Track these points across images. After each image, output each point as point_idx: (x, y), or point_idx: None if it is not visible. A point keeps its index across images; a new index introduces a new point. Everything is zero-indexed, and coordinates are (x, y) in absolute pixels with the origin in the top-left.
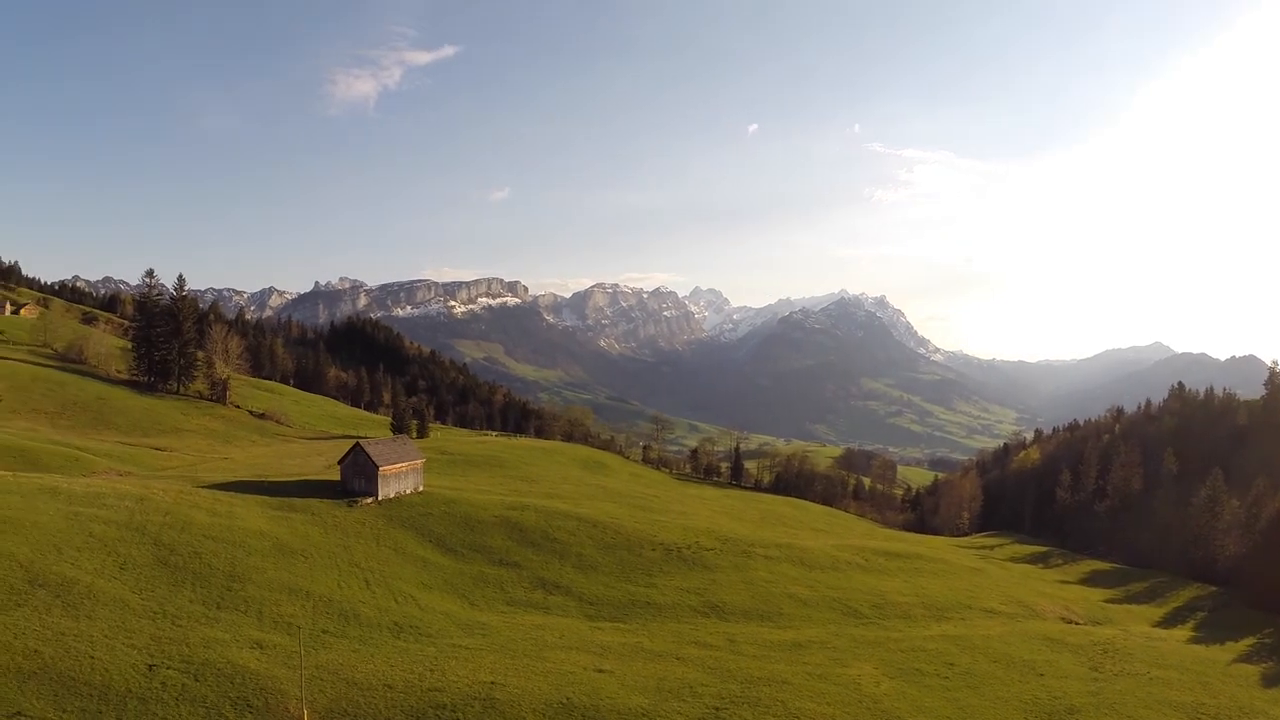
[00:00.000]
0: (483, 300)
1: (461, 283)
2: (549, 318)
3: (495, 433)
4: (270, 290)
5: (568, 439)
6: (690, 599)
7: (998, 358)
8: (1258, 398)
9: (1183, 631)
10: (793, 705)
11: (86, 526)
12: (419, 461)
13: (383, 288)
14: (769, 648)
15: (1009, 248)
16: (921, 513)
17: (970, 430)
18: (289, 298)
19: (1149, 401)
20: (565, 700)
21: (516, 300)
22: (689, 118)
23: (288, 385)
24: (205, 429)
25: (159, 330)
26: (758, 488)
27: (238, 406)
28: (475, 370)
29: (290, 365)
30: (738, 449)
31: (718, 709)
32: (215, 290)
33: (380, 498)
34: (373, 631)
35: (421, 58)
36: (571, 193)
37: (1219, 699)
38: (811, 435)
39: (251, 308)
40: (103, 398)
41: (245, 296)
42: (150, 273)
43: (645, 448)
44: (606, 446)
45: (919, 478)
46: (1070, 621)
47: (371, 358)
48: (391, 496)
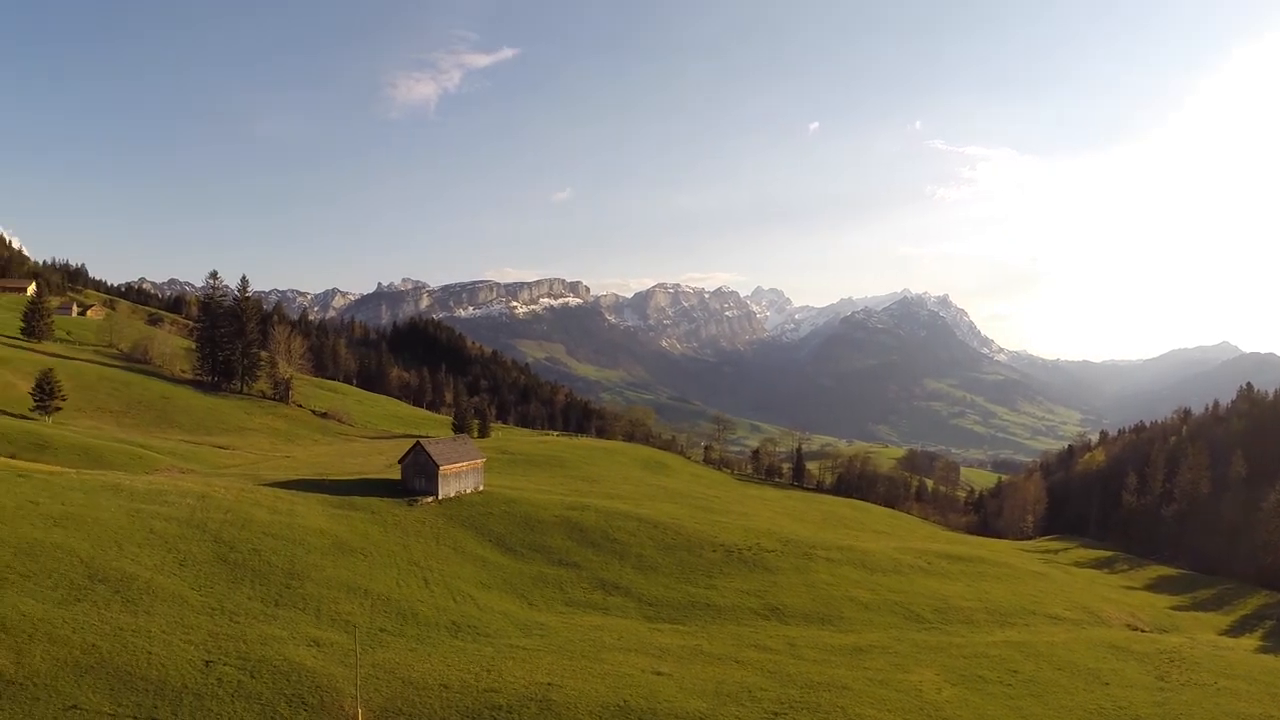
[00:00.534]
0: (545, 301)
1: (523, 283)
2: (611, 318)
3: (557, 433)
4: (334, 291)
5: (629, 439)
6: (750, 601)
7: (1062, 358)
8: None
9: (1251, 640)
10: (853, 711)
11: (147, 523)
12: (479, 461)
13: (445, 288)
14: (829, 652)
15: (1073, 245)
16: (985, 515)
17: (1034, 431)
18: (352, 299)
19: (1216, 403)
20: (622, 703)
21: (578, 300)
22: (749, 116)
23: (350, 385)
24: (268, 428)
25: (223, 331)
26: (819, 489)
27: (300, 406)
28: (537, 370)
29: (353, 365)
30: (799, 450)
31: (776, 714)
32: (279, 291)
33: (440, 497)
34: (430, 631)
35: (481, 60)
36: (633, 192)
37: None
38: (874, 436)
39: (315, 309)
40: (167, 397)
41: (309, 298)
42: (214, 274)
43: (706, 448)
44: (668, 447)
45: (982, 480)
46: (1136, 629)
47: (434, 358)
48: (452, 496)
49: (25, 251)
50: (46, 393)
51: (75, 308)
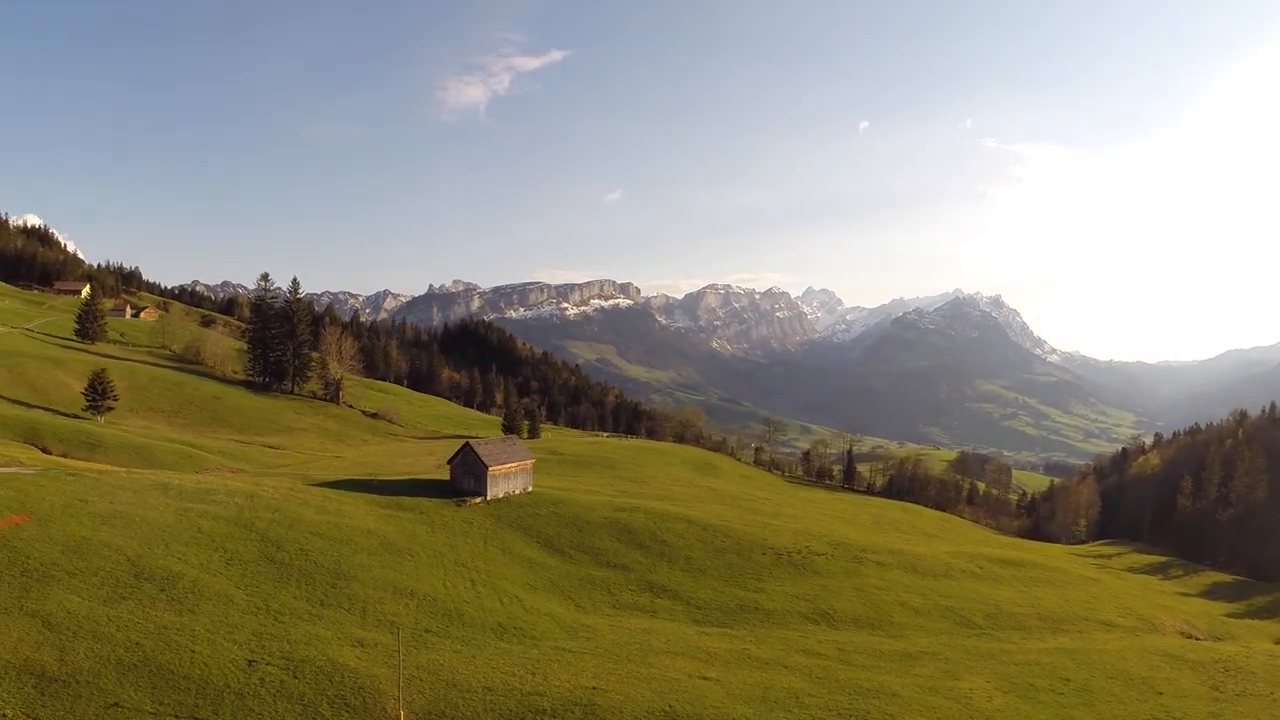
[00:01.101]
0: (595, 302)
1: (574, 284)
2: (661, 319)
3: (607, 434)
4: (385, 293)
5: (679, 440)
6: (800, 605)
7: (1115, 358)
8: None
9: None
10: None
11: (195, 522)
12: (529, 462)
13: (496, 290)
14: (879, 658)
15: (1127, 243)
16: (1037, 519)
17: (1087, 434)
18: (403, 300)
19: (1274, 404)
20: (668, 708)
21: (629, 302)
22: (800, 115)
23: (401, 386)
24: (318, 428)
25: (274, 332)
26: (870, 491)
27: (351, 406)
28: (588, 371)
29: (404, 366)
30: (850, 451)
31: None
32: (331, 293)
33: (489, 497)
34: (476, 632)
35: (530, 63)
36: (683, 193)
37: None
38: (925, 438)
39: (366, 310)
40: (218, 397)
41: (360, 299)
42: (265, 276)
43: (757, 449)
44: (718, 448)
45: (1034, 482)
46: (1190, 637)
47: (484, 359)
48: (500, 496)
49: (80, 255)
50: (99, 393)
51: (129, 310)
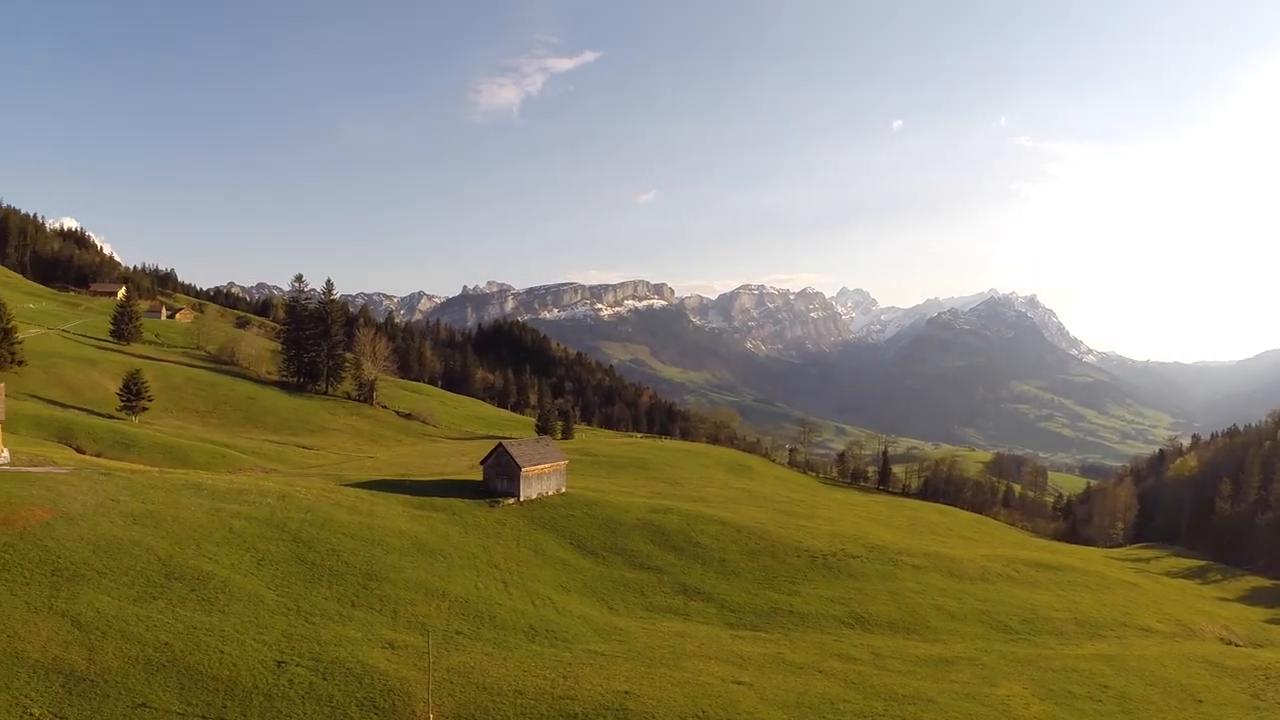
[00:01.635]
0: (629, 302)
1: (608, 285)
2: (695, 319)
3: (641, 434)
4: (419, 294)
5: (713, 441)
6: (834, 609)
7: (1152, 359)
8: None
9: None
10: None
11: (227, 522)
12: (562, 463)
13: (530, 291)
14: (915, 663)
15: (1164, 241)
16: (1073, 522)
17: (1123, 435)
18: (437, 301)
19: None
20: (701, 713)
21: (663, 302)
22: (832, 115)
23: (435, 386)
24: (352, 428)
25: (308, 333)
26: (905, 493)
27: (384, 407)
28: (622, 372)
29: (438, 367)
30: (885, 453)
31: None
32: (366, 295)
33: (522, 498)
34: (507, 634)
35: (563, 64)
36: (716, 193)
37: None
38: (960, 439)
39: (401, 311)
40: (252, 397)
41: (395, 301)
42: (299, 277)
43: (791, 451)
44: (752, 449)
45: (1070, 484)
46: (1230, 643)
47: (518, 360)
48: (534, 497)
49: (116, 257)
50: (133, 393)
51: (164, 311)
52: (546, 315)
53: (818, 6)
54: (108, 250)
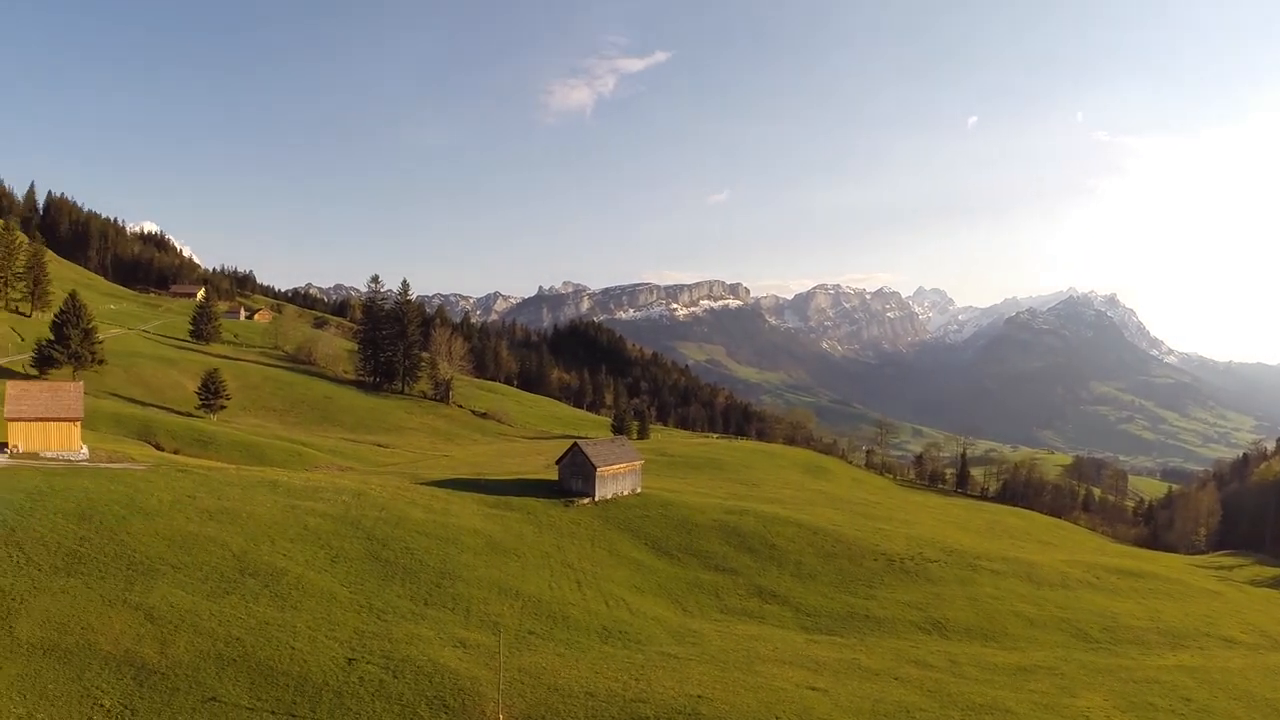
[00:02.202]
0: (704, 302)
1: (683, 285)
2: (771, 319)
3: (716, 435)
4: (495, 295)
5: (789, 442)
6: (911, 614)
7: (1234, 359)
8: None
9: None
10: None
11: (302, 519)
12: (637, 463)
13: (605, 291)
14: (992, 671)
15: (1246, 238)
16: (1155, 527)
17: (1205, 438)
18: (513, 302)
19: None
20: (774, 719)
21: (738, 302)
22: (906, 113)
23: (510, 386)
24: (428, 427)
25: (384, 333)
26: (983, 496)
27: (460, 406)
28: (697, 372)
29: (513, 367)
30: (964, 455)
31: None
32: (442, 295)
33: (597, 498)
34: (580, 635)
35: (634, 64)
36: (790, 193)
37: None
38: (1038, 441)
39: (477, 312)
40: (329, 396)
41: (471, 301)
42: (375, 278)
43: (868, 452)
44: (828, 450)
45: (1151, 489)
46: None
47: (594, 359)
48: (609, 497)
49: (196, 259)
50: (211, 392)
51: (243, 312)
52: (622, 315)
53: (893, 2)
54: (187, 253)
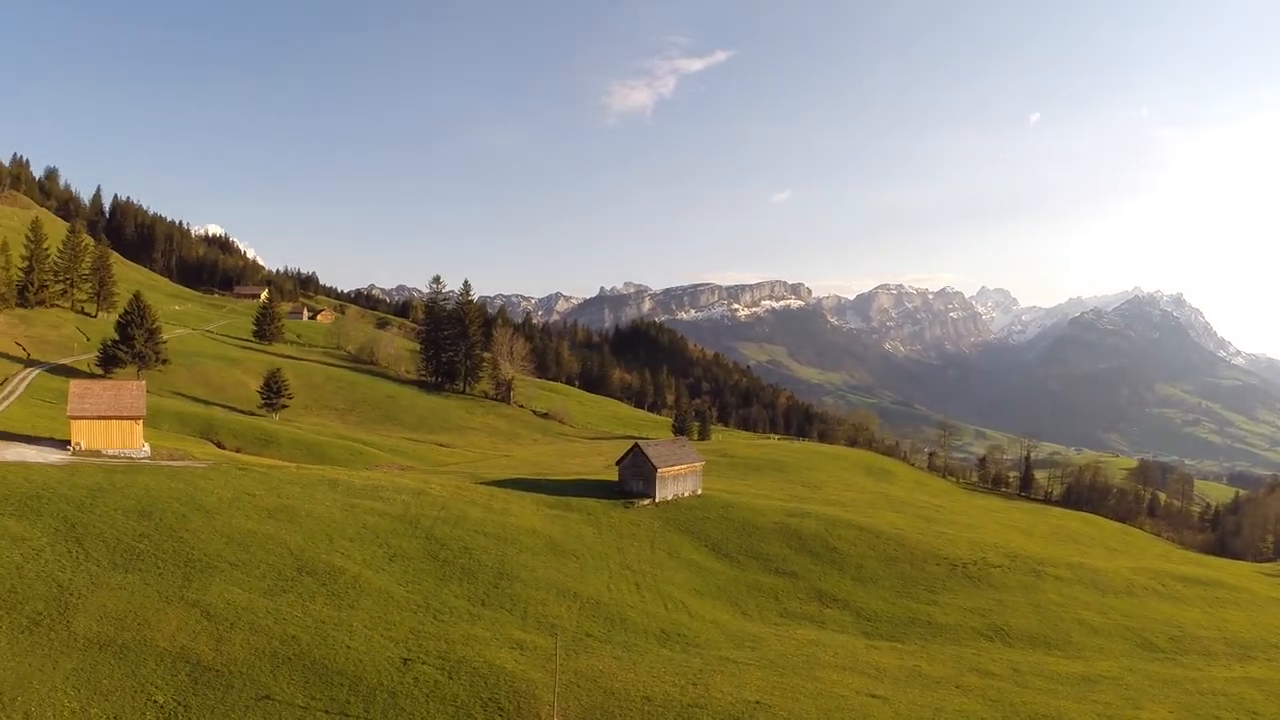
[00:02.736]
0: (766, 303)
1: (744, 285)
2: (832, 320)
3: (777, 436)
4: (557, 295)
5: (851, 444)
6: (973, 620)
7: None
8: None
9: None
10: None
11: (361, 518)
12: (698, 464)
13: (666, 291)
14: (1056, 680)
15: None
16: (1221, 534)
17: (1273, 442)
18: (575, 302)
19: None
20: None
21: (800, 302)
22: (968, 111)
23: (572, 386)
24: (489, 427)
25: (446, 333)
26: (1047, 500)
27: (521, 406)
28: (758, 373)
29: (575, 367)
30: (1028, 458)
31: None
32: (504, 296)
33: (657, 500)
34: (638, 638)
35: (694, 65)
36: (852, 192)
37: None
38: (1103, 444)
39: (539, 312)
40: (391, 396)
41: (533, 302)
42: (437, 279)
43: (931, 454)
44: (890, 452)
45: (1217, 493)
46: None
47: (655, 360)
48: (669, 499)
49: (260, 261)
50: (274, 391)
51: (306, 312)
52: (683, 316)
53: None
54: (251, 255)
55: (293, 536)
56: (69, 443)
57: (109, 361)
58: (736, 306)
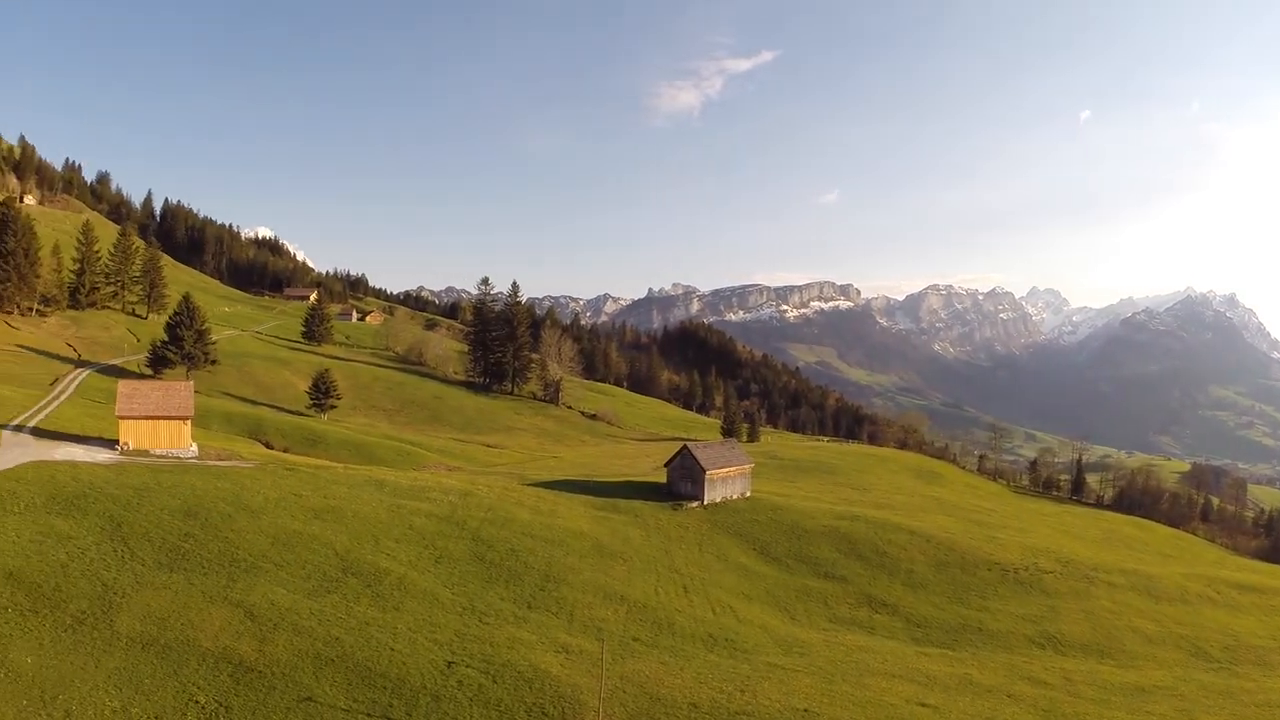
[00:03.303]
0: (814, 304)
1: (793, 286)
2: (881, 320)
3: (826, 438)
4: (605, 297)
5: (901, 446)
6: (1025, 627)
7: None
8: None
9: None
10: None
11: (407, 519)
12: (747, 466)
13: (714, 292)
14: (1109, 690)
15: None
16: (1276, 539)
17: None
18: (623, 304)
19: None
20: None
21: (849, 303)
22: (1017, 110)
23: (620, 387)
24: (536, 428)
25: (494, 334)
26: (1099, 504)
27: (569, 407)
28: (807, 374)
29: (623, 368)
30: (1079, 461)
31: None
32: (552, 297)
33: (706, 502)
34: (685, 643)
35: (741, 65)
36: (901, 192)
37: None
38: (1155, 447)
39: (587, 314)
40: (439, 397)
41: (581, 303)
42: (485, 280)
43: (981, 457)
44: (940, 455)
45: (1271, 498)
46: None
47: (703, 361)
48: (718, 501)
49: (309, 263)
50: (322, 391)
51: (355, 314)
52: (732, 317)
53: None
54: (301, 257)
55: (338, 537)
56: (117, 442)
57: (158, 362)
58: (785, 307)
